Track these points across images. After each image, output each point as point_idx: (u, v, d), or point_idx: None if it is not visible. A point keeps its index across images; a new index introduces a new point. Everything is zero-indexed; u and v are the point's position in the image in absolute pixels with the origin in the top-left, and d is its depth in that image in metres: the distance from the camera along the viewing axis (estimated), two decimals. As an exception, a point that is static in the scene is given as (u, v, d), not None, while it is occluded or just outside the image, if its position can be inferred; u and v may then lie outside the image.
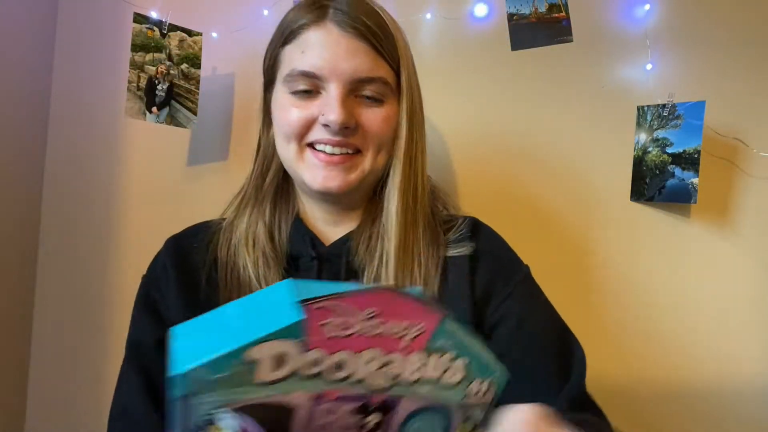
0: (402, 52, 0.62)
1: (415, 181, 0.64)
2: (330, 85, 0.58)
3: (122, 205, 1.04)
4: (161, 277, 0.64)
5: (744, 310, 0.94)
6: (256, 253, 0.62)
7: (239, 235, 0.64)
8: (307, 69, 0.58)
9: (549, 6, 0.93)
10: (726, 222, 0.94)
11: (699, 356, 0.94)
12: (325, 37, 0.58)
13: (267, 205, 0.66)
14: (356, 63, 0.58)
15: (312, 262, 0.63)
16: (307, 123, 0.60)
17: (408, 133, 0.62)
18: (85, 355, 1.03)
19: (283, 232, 0.65)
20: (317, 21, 0.59)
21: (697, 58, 0.95)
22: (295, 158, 0.61)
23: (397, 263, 0.60)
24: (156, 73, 0.94)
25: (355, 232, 0.65)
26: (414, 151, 0.63)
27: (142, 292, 0.65)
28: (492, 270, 0.65)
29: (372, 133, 0.60)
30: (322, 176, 0.60)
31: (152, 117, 0.94)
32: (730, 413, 0.93)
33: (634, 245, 0.96)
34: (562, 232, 0.97)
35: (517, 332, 0.62)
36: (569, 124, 0.98)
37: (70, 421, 1.02)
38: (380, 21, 0.60)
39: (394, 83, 0.62)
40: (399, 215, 0.61)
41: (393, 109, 0.62)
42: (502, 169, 0.99)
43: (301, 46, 0.59)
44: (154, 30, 0.93)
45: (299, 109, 0.60)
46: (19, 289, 1.02)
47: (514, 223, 0.71)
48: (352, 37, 0.58)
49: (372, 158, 0.62)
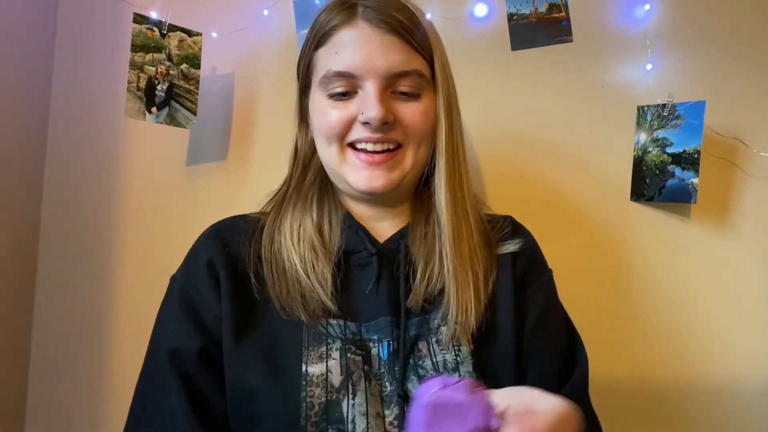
0: (434, 44, 0.62)
1: (460, 170, 0.64)
2: (366, 83, 0.58)
3: (122, 204, 1.04)
4: (206, 280, 0.61)
5: (744, 310, 0.94)
6: (303, 247, 0.62)
7: (284, 232, 0.63)
8: (342, 69, 0.58)
9: (549, 6, 0.93)
10: (726, 222, 0.94)
11: (699, 356, 0.94)
12: (357, 36, 0.58)
13: (314, 202, 0.65)
14: (391, 58, 0.58)
15: (371, 258, 0.63)
16: (347, 123, 0.60)
17: (447, 123, 0.62)
18: (85, 355, 1.03)
19: (334, 227, 0.64)
20: (348, 20, 0.59)
21: (697, 58, 0.95)
22: (338, 160, 0.61)
23: (454, 257, 0.61)
24: (156, 73, 0.94)
25: (410, 227, 0.65)
26: (455, 142, 0.64)
27: (181, 294, 0.62)
28: (526, 266, 0.67)
29: (412, 127, 0.60)
30: (366, 176, 0.60)
31: (152, 117, 0.94)
32: (730, 413, 0.93)
33: (634, 245, 0.96)
34: (561, 232, 0.97)
35: (534, 328, 0.64)
36: (569, 125, 0.97)
37: (70, 421, 1.03)
38: (410, 14, 0.60)
39: (429, 75, 0.62)
40: (449, 206, 0.62)
41: (431, 102, 0.62)
42: (501, 169, 0.99)
43: (335, 47, 0.59)
44: (154, 30, 0.93)
45: (338, 110, 0.60)
46: (19, 289, 1.02)
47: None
48: (384, 33, 0.58)
49: (413, 153, 0.62)
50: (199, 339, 0.59)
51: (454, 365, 0.58)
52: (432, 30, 0.63)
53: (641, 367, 0.95)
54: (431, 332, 0.60)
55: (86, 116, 1.05)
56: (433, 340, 0.60)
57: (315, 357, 0.57)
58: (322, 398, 0.55)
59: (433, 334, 0.60)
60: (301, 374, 0.56)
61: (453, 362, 0.58)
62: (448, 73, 0.65)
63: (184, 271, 0.64)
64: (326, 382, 0.56)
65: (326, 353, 0.57)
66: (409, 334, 0.59)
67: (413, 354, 0.59)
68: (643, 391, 0.95)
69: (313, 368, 0.56)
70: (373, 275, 0.62)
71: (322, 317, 0.59)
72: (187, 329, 0.60)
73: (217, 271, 0.61)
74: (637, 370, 0.95)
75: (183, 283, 0.63)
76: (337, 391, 0.56)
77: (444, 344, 0.59)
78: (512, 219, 0.72)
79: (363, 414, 0.55)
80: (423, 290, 0.61)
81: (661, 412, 0.94)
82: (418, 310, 0.61)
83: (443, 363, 0.58)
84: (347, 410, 0.55)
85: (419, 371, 0.58)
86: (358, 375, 0.57)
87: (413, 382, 0.57)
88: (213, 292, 0.61)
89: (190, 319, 0.60)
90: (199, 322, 0.60)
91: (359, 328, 0.60)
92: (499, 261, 0.65)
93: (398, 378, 0.57)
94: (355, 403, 0.55)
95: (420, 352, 0.59)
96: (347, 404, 0.55)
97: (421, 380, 0.57)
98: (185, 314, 0.61)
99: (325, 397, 0.55)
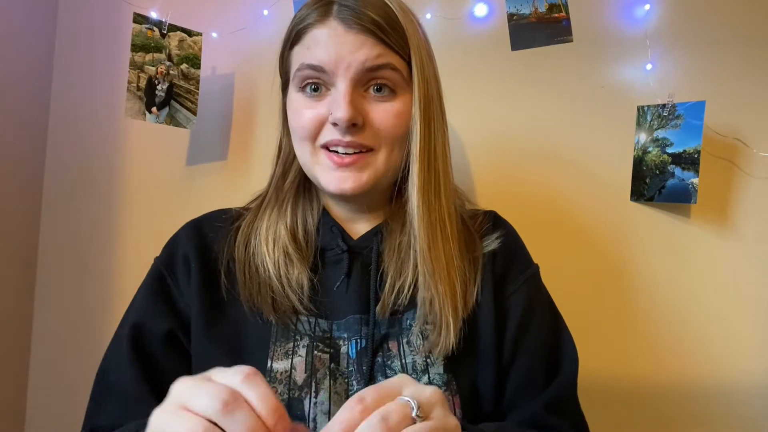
0: (413, 41, 0.59)
1: (437, 178, 0.61)
2: (337, 80, 0.57)
3: (122, 204, 1.04)
4: (181, 268, 0.63)
5: (744, 310, 0.94)
6: (276, 253, 0.61)
7: (259, 237, 0.63)
8: (312, 62, 0.57)
9: (549, 6, 0.93)
10: (726, 222, 0.94)
11: (699, 356, 0.94)
12: (329, 34, 0.57)
13: (288, 206, 0.65)
14: (362, 54, 0.56)
15: (342, 254, 0.63)
16: (318, 124, 0.59)
17: (424, 127, 0.59)
18: (85, 355, 1.03)
19: (309, 227, 0.64)
20: (321, 19, 0.58)
21: (697, 58, 0.95)
22: (311, 160, 0.61)
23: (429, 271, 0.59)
24: (156, 73, 0.94)
25: (386, 230, 0.64)
26: (432, 146, 0.60)
27: (156, 273, 0.63)
28: (506, 264, 0.65)
29: (383, 129, 0.58)
30: (336, 177, 0.59)
31: (152, 117, 0.94)
32: (730, 413, 0.93)
33: (634, 245, 0.96)
34: (561, 232, 0.97)
35: (518, 328, 0.63)
36: (569, 125, 0.97)
37: (70, 421, 1.02)
38: (387, 12, 0.58)
39: (407, 73, 0.59)
40: (423, 216, 0.59)
41: (406, 103, 0.59)
42: (500, 168, 0.99)
43: (307, 43, 0.59)
44: (154, 30, 0.93)
45: (310, 109, 0.59)
46: (19, 289, 1.02)
47: (511, 223, 0.71)
48: (357, 33, 0.57)
49: (386, 156, 0.60)
50: (169, 321, 0.60)
51: (423, 367, 0.57)
52: (413, 27, 0.60)
53: (641, 367, 0.95)
54: (403, 332, 0.60)
55: (86, 116, 1.05)
56: (404, 341, 0.59)
57: (281, 353, 0.57)
58: (284, 395, 0.55)
59: (404, 335, 0.59)
60: (266, 370, 0.56)
61: (423, 364, 0.58)
62: (429, 75, 0.61)
63: (163, 257, 0.65)
64: (289, 379, 0.56)
65: (293, 350, 0.58)
66: (380, 332, 0.59)
67: (382, 353, 0.58)
68: (643, 391, 0.95)
69: (277, 365, 0.57)
70: (343, 272, 0.62)
71: (292, 314, 0.60)
72: (159, 310, 0.61)
73: (191, 265, 0.62)
74: (637, 370, 0.95)
75: (161, 267, 0.64)
76: (299, 388, 0.56)
77: (415, 347, 0.59)
78: (495, 214, 0.71)
79: (325, 413, 0.55)
80: (391, 303, 0.60)
81: (661, 411, 0.94)
82: (387, 313, 0.60)
83: (412, 365, 0.58)
84: (309, 408, 0.55)
85: (387, 372, 0.57)
86: (323, 373, 0.56)
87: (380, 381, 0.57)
88: (187, 282, 0.62)
89: (162, 300, 0.62)
90: (171, 304, 0.61)
91: (330, 326, 0.60)
92: (480, 263, 0.64)
93: (365, 377, 0.57)
94: (318, 402, 0.55)
95: (389, 352, 0.59)
96: (309, 402, 0.55)
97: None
98: (159, 296, 0.62)
99: (287, 395, 0.55)
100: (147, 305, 0.62)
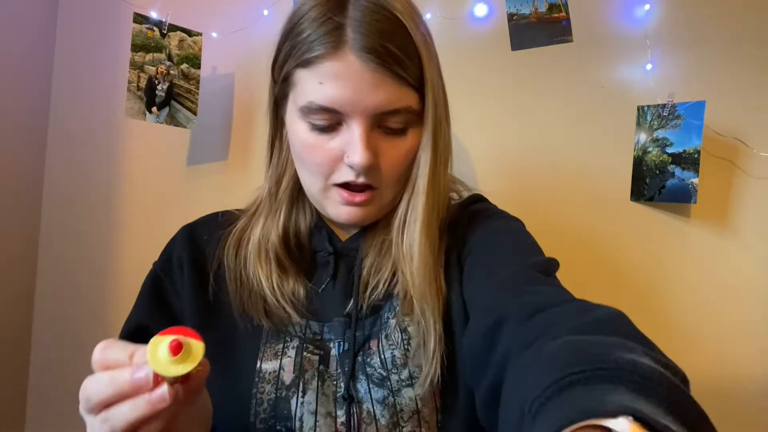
0: (426, 66, 0.56)
1: (439, 205, 0.60)
2: (352, 121, 0.54)
3: (122, 204, 1.04)
4: (176, 271, 0.64)
5: (744, 309, 0.94)
6: (269, 265, 0.61)
7: (251, 247, 0.63)
8: (327, 105, 0.54)
9: (549, 6, 0.93)
10: (726, 222, 0.94)
11: (699, 355, 0.94)
12: (344, 70, 0.53)
13: (281, 213, 0.64)
14: (380, 97, 0.53)
15: (329, 257, 0.63)
16: (332, 162, 0.57)
17: (432, 158, 0.58)
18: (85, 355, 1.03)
19: (302, 232, 0.64)
20: (335, 50, 0.53)
21: (697, 58, 0.95)
22: (320, 194, 0.60)
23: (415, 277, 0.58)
24: (156, 73, 0.94)
25: (370, 228, 0.64)
26: (438, 175, 0.59)
27: (153, 276, 0.64)
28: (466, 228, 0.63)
29: (392, 169, 0.58)
30: (346, 211, 0.59)
31: (152, 117, 0.94)
32: (730, 412, 0.93)
33: (634, 245, 0.96)
34: (561, 232, 0.97)
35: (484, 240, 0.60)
36: (569, 124, 0.98)
37: (70, 420, 1.02)
38: (402, 36, 0.54)
39: (420, 106, 0.57)
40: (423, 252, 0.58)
41: (416, 136, 0.58)
42: (500, 168, 0.99)
43: (319, 75, 0.54)
44: (154, 30, 0.93)
45: (323, 147, 0.56)
46: (19, 289, 1.02)
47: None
48: (374, 69, 0.52)
49: (391, 191, 0.60)
50: (165, 323, 0.60)
51: (403, 361, 0.57)
52: (426, 47, 0.57)
53: (641, 367, 0.95)
54: (382, 328, 0.59)
55: (86, 116, 1.05)
56: (382, 336, 0.59)
57: (270, 354, 0.58)
58: (272, 395, 0.56)
59: (383, 329, 0.59)
60: (255, 370, 0.57)
61: (402, 358, 0.57)
62: (438, 99, 0.59)
63: (161, 261, 0.66)
64: (277, 379, 0.57)
65: (282, 351, 0.58)
66: (363, 333, 0.59)
67: (363, 352, 0.59)
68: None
69: (266, 365, 0.58)
70: (329, 274, 0.62)
71: (286, 319, 0.60)
72: (156, 312, 0.62)
73: (184, 270, 0.63)
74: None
75: (158, 271, 0.65)
76: (287, 388, 0.56)
77: (394, 341, 0.58)
78: (473, 194, 0.69)
79: (312, 413, 0.55)
80: (367, 297, 0.60)
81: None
82: (369, 312, 0.60)
83: (392, 359, 0.57)
84: (295, 408, 0.55)
85: (367, 369, 0.57)
86: (312, 374, 0.57)
87: (362, 381, 0.57)
88: (181, 285, 0.63)
89: (160, 303, 0.63)
90: (167, 307, 0.63)
91: (321, 328, 0.60)
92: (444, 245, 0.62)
93: (346, 377, 0.57)
94: (305, 401, 0.56)
95: (369, 350, 0.59)
96: (296, 402, 0.56)
97: (369, 379, 0.57)
98: (156, 299, 0.63)
99: (274, 394, 0.56)
100: (145, 308, 0.63)
